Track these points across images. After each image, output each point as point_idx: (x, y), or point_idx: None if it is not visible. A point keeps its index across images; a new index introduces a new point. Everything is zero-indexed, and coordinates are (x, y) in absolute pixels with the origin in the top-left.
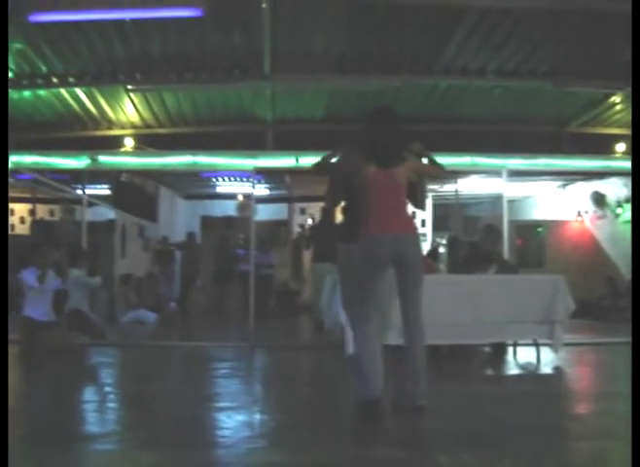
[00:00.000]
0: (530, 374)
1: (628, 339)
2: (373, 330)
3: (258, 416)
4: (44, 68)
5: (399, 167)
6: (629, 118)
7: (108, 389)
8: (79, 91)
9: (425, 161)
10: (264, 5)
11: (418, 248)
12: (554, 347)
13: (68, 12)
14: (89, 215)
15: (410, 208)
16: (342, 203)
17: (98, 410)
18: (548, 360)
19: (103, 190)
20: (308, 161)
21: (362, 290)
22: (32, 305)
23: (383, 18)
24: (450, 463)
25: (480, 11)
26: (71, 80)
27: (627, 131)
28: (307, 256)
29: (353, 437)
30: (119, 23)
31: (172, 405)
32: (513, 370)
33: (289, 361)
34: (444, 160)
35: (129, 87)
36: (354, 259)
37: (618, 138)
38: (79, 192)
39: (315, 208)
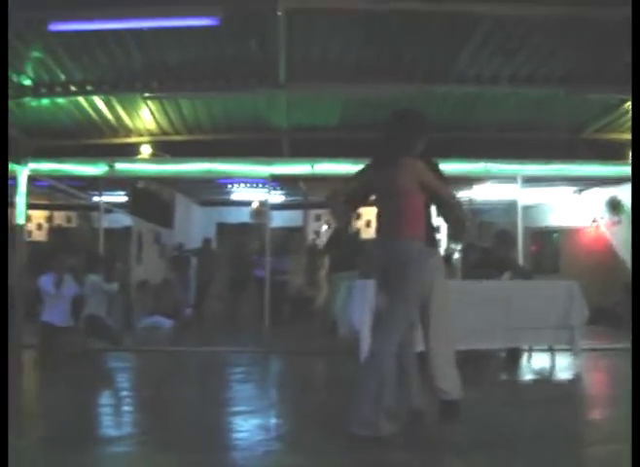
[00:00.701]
0: (545, 379)
1: None
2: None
3: (273, 420)
4: (62, 77)
5: (400, 169)
6: None
7: (125, 393)
8: (97, 99)
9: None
10: (279, 13)
11: (407, 255)
12: (574, 352)
13: (87, 21)
14: (106, 222)
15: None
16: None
17: (116, 413)
18: (562, 366)
19: (120, 197)
20: (323, 167)
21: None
22: (50, 310)
23: (397, 26)
24: (464, 466)
25: (494, 18)
26: (89, 88)
27: None
28: (322, 263)
29: (368, 441)
30: (136, 32)
31: (188, 409)
32: (528, 375)
33: (303, 366)
34: (459, 166)
35: (146, 94)
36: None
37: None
38: (96, 198)
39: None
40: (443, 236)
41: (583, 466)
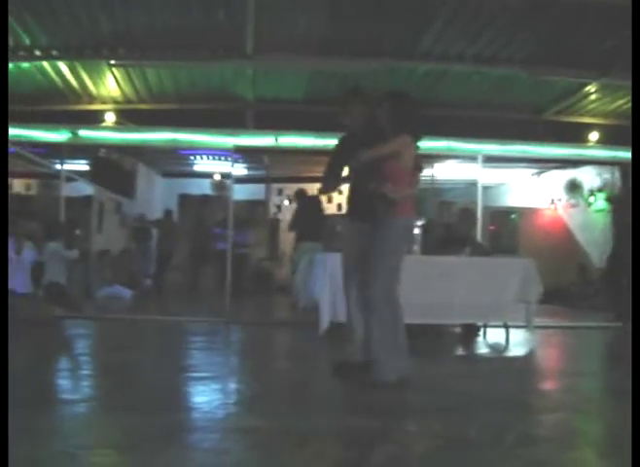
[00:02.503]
0: (499, 353)
1: (595, 323)
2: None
3: (234, 386)
4: (27, 41)
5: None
6: (603, 107)
7: (87, 359)
8: (61, 65)
9: None
10: None
11: None
12: (528, 328)
13: None
14: (67, 190)
15: None
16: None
17: (77, 377)
18: (516, 341)
19: (82, 165)
20: (288, 140)
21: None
22: (11, 276)
23: (365, 2)
24: (421, 432)
25: None
26: (54, 53)
27: (601, 121)
28: (283, 237)
29: (327, 406)
30: None
31: (150, 374)
32: (483, 349)
33: (264, 336)
34: (422, 143)
35: (112, 61)
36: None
37: (592, 127)
38: (57, 166)
39: (292, 189)
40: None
41: (530, 431)
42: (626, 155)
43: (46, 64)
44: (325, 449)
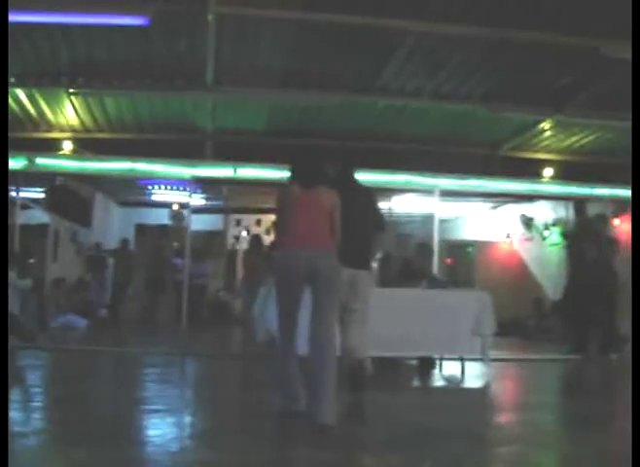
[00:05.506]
0: (455, 386)
1: (551, 356)
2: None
3: (189, 419)
4: None
5: (321, 188)
6: (557, 144)
7: (39, 390)
8: (20, 92)
9: None
10: (209, 17)
11: (333, 263)
12: (484, 361)
13: (14, 13)
14: (23, 218)
15: None
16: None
17: (27, 409)
18: (472, 374)
19: (38, 193)
20: (246, 172)
21: (280, 303)
22: None
23: (326, 37)
24: (376, 464)
25: (419, 35)
26: (12, 80)
27: (555, 157)
28: (241, 268)
29: (281, 439)
30: (64, 27)
31: (103, 406)
32: (439, 382)
33: (220, 369)
34: (380, 177)
35: (71, 90)
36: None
37: (546, 163)
38: (13, 194)
39: (250, 220)
40: None
41: (486, 464)
42: (579, 190)
43: None
44: None
